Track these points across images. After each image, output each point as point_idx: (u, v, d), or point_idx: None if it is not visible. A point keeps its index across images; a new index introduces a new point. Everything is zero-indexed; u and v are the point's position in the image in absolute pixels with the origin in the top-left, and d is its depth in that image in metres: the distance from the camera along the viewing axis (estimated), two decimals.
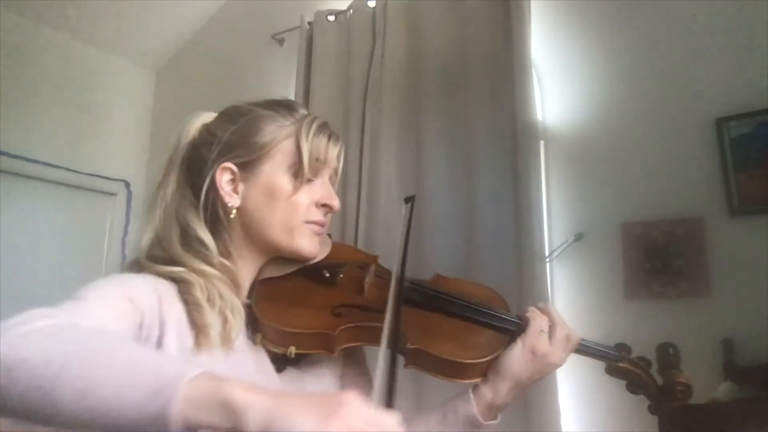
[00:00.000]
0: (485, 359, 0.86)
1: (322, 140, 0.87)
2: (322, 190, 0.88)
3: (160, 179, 0.88)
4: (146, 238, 0.85)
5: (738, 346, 1.82)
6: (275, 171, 0.85)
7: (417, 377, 1.46)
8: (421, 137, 2.44)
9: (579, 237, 2.15)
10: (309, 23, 2.92)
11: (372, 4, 2.74)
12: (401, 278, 0.84)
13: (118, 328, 0.68)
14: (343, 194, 2.43)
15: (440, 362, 0.84)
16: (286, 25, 3.04)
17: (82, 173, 3.16)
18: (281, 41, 3.10)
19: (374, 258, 1.01)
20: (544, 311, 0.90)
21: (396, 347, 0.73)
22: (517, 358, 0.86)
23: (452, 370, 0.85)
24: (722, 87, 2.00)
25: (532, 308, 0.91)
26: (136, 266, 0.83)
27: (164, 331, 0.73)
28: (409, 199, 0.98)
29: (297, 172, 0.85)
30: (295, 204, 0.85)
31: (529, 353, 0.86)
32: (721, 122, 1.97)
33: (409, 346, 0.84)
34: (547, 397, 1.93)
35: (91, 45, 3.31)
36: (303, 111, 0.91)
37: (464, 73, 2.41)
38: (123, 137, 3.48)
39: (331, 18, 2.86)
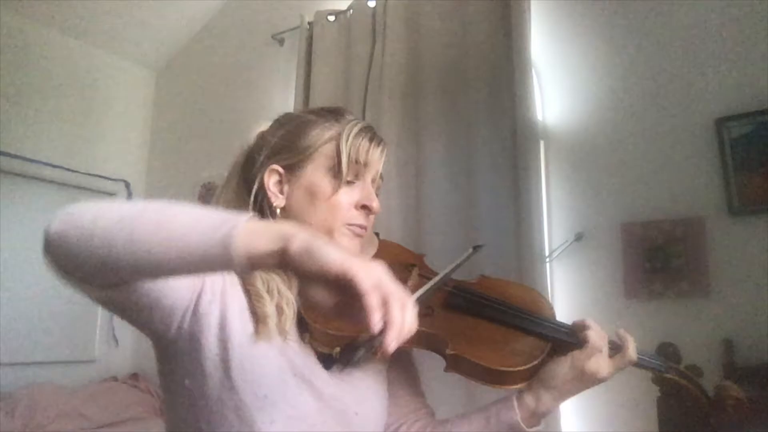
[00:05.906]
0: (524, 367, 0.85)
1: (363, 142, 0.88)
2: (362, 191, 0.89)
3: (224, 182, 0.94)
4: None
5: (738, 346, 1.82)
6: (316, 172, 0.88)
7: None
8: (421, 137, 2.44)
9: (579, 237, 2.15)
10: (309, 23, 2.92)
11: (372, 4, 2.74)
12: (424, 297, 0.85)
13: (179, 285, 0.73)
14: None
15: (479, 369, 0.84)
16: (286, 25, 3.05)
17: (81, 173, 3.16)
18: (281, 41, 3.10)
19: (420, 257, 1.01)
20: (620, 334, 0.89)
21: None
22: (564, 372, 0.85)
23: (491, 377, 0.84)
24: (722, 87, 2.00)
25: (591, 324, 0.88)
26: None
27: (227, 313, 0.77)
28: (477, 248, 1.01)
29: (336, 174, 0.87)
30: (334, 205, 0.87)
31: (578, 371, 0.85)
32: (721, 122, 1.97)
33: (448, 351, 0.84)
34: None
35: (91, 45, 3.31)
36: (350, 116, 0.93)
37: (464, 73, 2.41)
38: (123, 137, 3.48)
39: (331, 18, 2.86)
